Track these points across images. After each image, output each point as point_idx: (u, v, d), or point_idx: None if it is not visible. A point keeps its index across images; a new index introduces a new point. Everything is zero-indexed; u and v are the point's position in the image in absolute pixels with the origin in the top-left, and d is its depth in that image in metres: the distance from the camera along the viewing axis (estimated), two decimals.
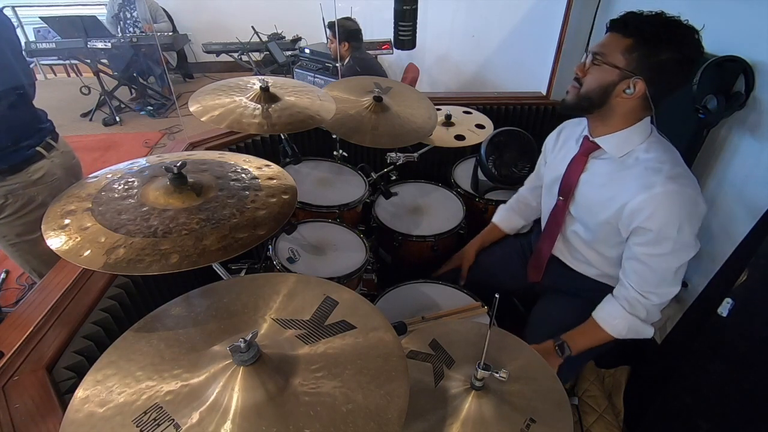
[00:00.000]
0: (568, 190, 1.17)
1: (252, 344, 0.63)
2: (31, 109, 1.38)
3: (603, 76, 0.99)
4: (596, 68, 1.00)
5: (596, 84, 1.00)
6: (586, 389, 1.49)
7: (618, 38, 0.96)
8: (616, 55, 0.96)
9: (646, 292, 1.05)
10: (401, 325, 1.09)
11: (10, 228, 1.39)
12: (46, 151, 1.38)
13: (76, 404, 0.61)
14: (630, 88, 0.97)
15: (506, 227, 1.51)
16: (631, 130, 1.04)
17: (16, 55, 1.31)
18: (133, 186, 0.90)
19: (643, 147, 1.04)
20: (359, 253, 1.40)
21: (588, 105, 1.04)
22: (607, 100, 1.01)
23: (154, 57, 4.17)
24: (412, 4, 1.64)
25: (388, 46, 3.54)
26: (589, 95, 1.02)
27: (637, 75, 0.95)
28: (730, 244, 1.22)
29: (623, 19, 0.96)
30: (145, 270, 0.72)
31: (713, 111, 1.21)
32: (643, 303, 1.06)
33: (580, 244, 1.22)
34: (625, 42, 0.95)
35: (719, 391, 1.11)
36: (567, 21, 2.01)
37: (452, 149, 1.82)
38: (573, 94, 1.06)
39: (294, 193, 0.95)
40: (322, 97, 1.45)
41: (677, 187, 0.96)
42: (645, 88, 0.96)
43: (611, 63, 0.97)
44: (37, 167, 1.36)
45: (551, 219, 1.27)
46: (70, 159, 1.49)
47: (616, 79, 0.97)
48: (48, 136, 1.40)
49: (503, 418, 0.76)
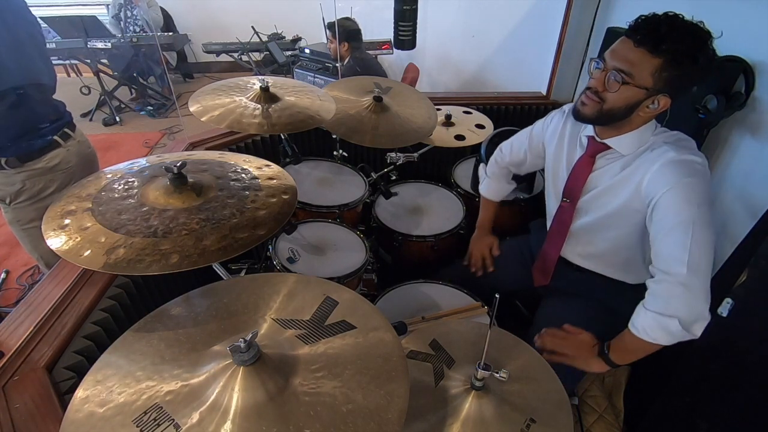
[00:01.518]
0: (575, 192, 1.15)
1: (252, 344, 0.63)
2: (51, 100, 1.45)
3: (629, 96, 0.95)
4: (621, 86, 0.94)
5: (623, 103, 0.96)
6: (586, 389, 1.49)
7: (647, 57, 0.90)
8: (645, 77, 0.92)
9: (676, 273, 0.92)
10: (401, 325, 1.09)
11: (25, 213, 1.44)
12: (62, 140, 1.43)
13: (76, 404, 0.61)
14: (654, 103, 0.95)
15: (496, 196, 1.51)
16: (642, 129, 1.03)
17: (41, 52, 1.38)
18: (133, 186, 0.90)
19: (653, 139, 1.03)
20: (359, 253, 1.40)
21: (609, 119, 1.01)
22: (630, 114, 0.99)
23: (154, 57, 4.17)
24: (412, 4, 1.64)
25: (388, 46, 3.54)
26: (612, 112, 0.98)
27: (664, 92, 0.93)
28: (730, 244, 1.21)
29: (655, 35, 0.89)
30: (145, 270, 0.72)
31: (713, 111, 1.21)
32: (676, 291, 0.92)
33: (589, 236, 1.19)
34: (656, 62, 0.90)
35: (719, 391, 1.11)
36: (567, 21, 2.01)
37: (452, 149, 1.82)
38: (594, 109, 1.00)
39: (294, 193, 0.95)
40: (322, 97, 1.45)
41: (689, 156, 0.95)
42: (669, 102, 0.95)
43: (640, 85, 0.93)
44: (54, 155, 1.41)
45: (557, 221, 1.24)
46: (86, 148, 1.54)
47: (643, 97, 0.95)
48: (65, 126, 1.45)
49: (503, 418, 0.76)
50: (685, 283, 0.91)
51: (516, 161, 1.41)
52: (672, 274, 0.93)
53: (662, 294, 0.94)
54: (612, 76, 0.94)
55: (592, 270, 1.24)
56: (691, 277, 0.91)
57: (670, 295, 0.93)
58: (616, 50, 0.95)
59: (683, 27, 0.90)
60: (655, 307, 0.94)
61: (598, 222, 1.14)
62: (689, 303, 0.91)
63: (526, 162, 1.38)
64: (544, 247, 1.31)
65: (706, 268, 0.92)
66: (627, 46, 0.93)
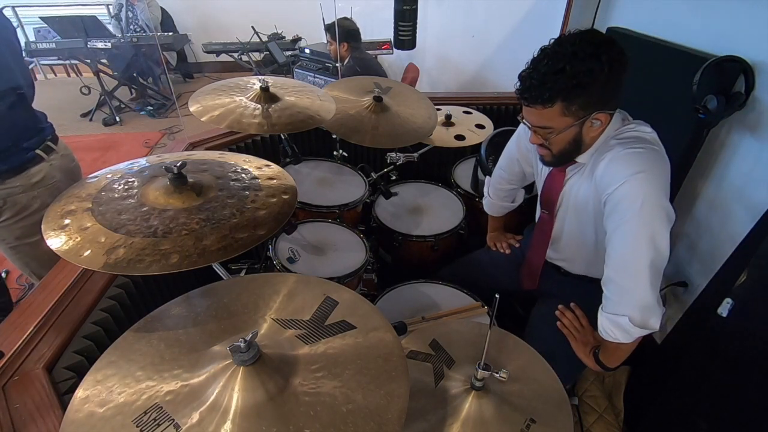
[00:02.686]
0: (551, 204, 1.17)
1: (252, 344, 0.63)
2: (30, 111, 1.37)
3: (565, 137, 0.98)
4: (552, 137, 0.98)
5: (565, 143, 1.00)
6: (586, 389, 1.49)
7: (547, 109, 0.92)
8: (560, 121, 0.94)
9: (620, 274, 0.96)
10: (401, 325, 1.09)
11: (10, 231, 1.38)
12: (45, 154, 1.37)
13: (76, 404, 0.61)
14: (594, 123, 0.96)
15: (499, 213, 1.53)
16: (601, 140, 1.02)
17: (15, 56, 1.31)
18: (133, 186, 0.90)
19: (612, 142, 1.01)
20: (359, 253, 1.40)
21: (569, 156, 1.04)
22: (582, 144, 1.01)
23: (154, 57, 4.18)
24: (412, 4, 1.65)
25: (388, 46, 3.54)
26: (564, 151, 1.02)
27: (592, 112, 0.93)
28: (730, 244, 1.21)
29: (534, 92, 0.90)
30: (145, 270, 0.72)
31: (713, 111, 1.21)
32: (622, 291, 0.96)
33: (570, 243, 1.21)
34: (557, 107, 0.91)
35: (719, 391, 1.11)
36: (567, 21, 2.01)
37: (452, 149, 1.82)
38: (550, 157, 1.05)
39: (294, 193, 0.95)
40: (322, 97, 1.45)
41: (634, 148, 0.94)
42: (609, 116, 0.96)
43: (563, 128, 0.95)
44: (37, 170, 1.35)
45: (538, 230, 1.27)
46: (70, 162, 1.48)
47: (578, 129, 0.96)
48: (48, 139, 1.39)
49: (503, 418, 0.76)
50: (627, 284, 0.95)
51: (515, 175, 1.39)
52: (617, 275, 0.96)
53: (611, 296, 0.98)
54: (540, 132, 0.99)
55: (579, 274, 1.26)
56: (635, 276, 0.93)
57: (618, 295, 0.97)
58: (525, 115, 1.00)
59: (553, 59, 0.88)
60: (608, 308, 0.99)
61: (577, 230, 1.16)
62: (635, 301, 0.94)
63: (525, 173, 1.36)
64: (528, 254, 1.34)
65: (650, 263, 0.92)
66: (528, 110, 0.97)
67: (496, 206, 1.51)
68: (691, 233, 1.43)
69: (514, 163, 1.36)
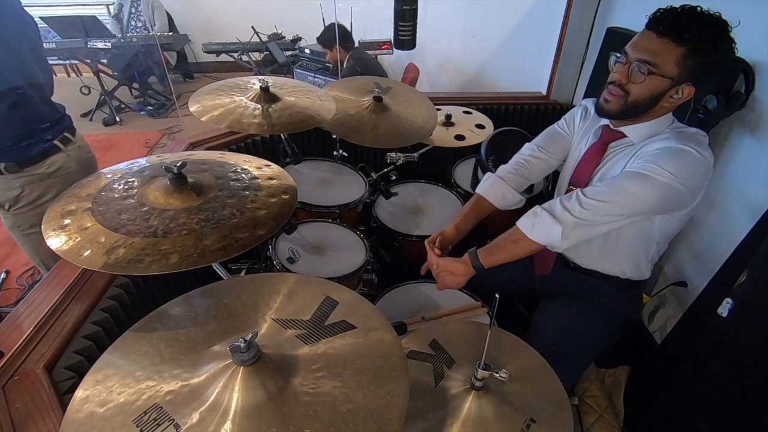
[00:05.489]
0: (582, 179, 1.14)
1: (252, 344, 0.63)
2: (49, 103, 1.43)
3: (654, 86, 0.95)
4: (647, 77, 0.95)
5: (648, 94, 0.97)
6: (586, 389, 1.49)
7: (670, 46, 0.91)
8: (669, 66, 0.92)
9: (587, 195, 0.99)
10: (401, 325, 1.09)
11: (25, 218, 1.42)
12: (62, 145, 1.42)
13: (76, 404, 0.61)
14: (679, 93, 0.96)
15: (497, 201, 1.30)
16: (659, 120, 1.03)
17: (36, 52, 1.36)
18: (133, 186, 0.90)
19: (664, 135, 1.02)
20: (359, 253, 1.40)
21: (634, 112, 1.01)
22: (655, 105, 0.99)
23: (154, 57, 4.17)
24: (412, 4, 1.64)
25: (388, 46, 3.54)
26: (637, 104, 0.99)
27: (688, 82, 0.94)
28: (730, 244, 1.21)
29: (677, 25, 0.90)
30: (145, 270, 0.72)
31: (713, 111, 1.20)
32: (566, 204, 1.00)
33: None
34: (679, 51, 0.91)
35: (719, 391, 1.11)
36: (567, 21, 2.01)
37: (452, 149, 1.82)
38: (618, 103, 1.00)
39: (294, 193, 0.95)
40: (322, 97, 1.46)
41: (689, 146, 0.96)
42: (693, 91, 0.95)
43: (665, 74, 0.93)
44: (53, 160, 1.39)
45: None
46: (86, 153, 1.53)
47: (668, 87, 0.95)
48: (65, 130, 1.44)
49: (503, 418, 0.76)
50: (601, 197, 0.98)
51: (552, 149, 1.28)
52: (584, 193, 1.00)
53: (573, 204, 1.01)
54: (636, 68, 0.95)
55: (589, 268, 1.24)
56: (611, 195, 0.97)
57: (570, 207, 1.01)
58: (638, 42, 0.96)
59: (703, 16, 0.91)
60: (556, 208, 1.02)
61: None
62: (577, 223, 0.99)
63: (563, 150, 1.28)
64: None
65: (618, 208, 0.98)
66: (650, 38, 0.94)
67: (497, 189, 1.29)
68: (691, 233, 1.43)
69: (556, 138, 1.28)
